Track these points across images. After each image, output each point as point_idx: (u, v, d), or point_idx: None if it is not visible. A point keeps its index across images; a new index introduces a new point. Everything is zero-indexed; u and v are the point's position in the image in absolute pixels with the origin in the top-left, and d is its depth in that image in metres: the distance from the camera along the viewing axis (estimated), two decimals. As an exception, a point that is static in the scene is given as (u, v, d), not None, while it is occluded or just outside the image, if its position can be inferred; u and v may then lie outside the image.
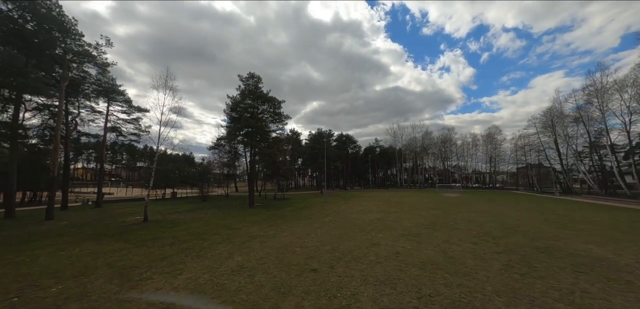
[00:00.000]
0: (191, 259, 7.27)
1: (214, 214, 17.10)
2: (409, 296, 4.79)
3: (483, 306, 4.41)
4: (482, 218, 14.49)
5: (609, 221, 13.79)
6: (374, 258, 7.24)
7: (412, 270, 6.20)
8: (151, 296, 4.91)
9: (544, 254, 7.48)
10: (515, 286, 5.26)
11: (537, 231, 10.95)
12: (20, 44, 9.96)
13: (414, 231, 10.83)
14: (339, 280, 5.62)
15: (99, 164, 23.33)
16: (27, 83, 9.90)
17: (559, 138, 42.13)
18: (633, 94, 30.01)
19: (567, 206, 22.57)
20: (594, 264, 6.56)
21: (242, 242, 9.30)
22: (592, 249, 8.01)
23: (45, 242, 9.40)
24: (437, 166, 75.32)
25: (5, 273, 6.25)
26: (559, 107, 41.27)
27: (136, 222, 13.40)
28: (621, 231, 10.97)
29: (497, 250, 7.94)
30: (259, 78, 20.91)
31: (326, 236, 10.07)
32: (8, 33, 9.81)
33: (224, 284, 5.50)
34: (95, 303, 4.69)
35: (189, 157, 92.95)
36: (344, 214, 16.79)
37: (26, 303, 4.73)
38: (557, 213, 17.14)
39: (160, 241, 9.44)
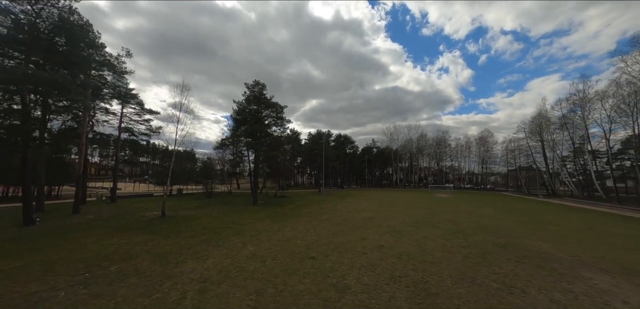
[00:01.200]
0: (212, 248, 8.81)
1: (222, 211, 18.62)
2: (383, 277, 6.38)
3: (436, 284, 6.01)
4: (462, 218, 16.15)
5: (572, 223, 15.51)
6: (361, 249, 8.82)
7: (390, 259, 7.79)
8: (190, 274, 6.45)
9: (500, 249, 9.10)
10: (466, 271, 6.85)
11: (505, 230, 12.60)
12: (61, 62, 11.29)
13: (399, 229, 12.43)
14: (332, 265, 7.19)
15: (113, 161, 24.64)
16: (75, 99, 11.27)
17: (546, 143, 44.00)
18: (613, 104, 31.78)
19: (545, 208, 24.33)
20: (534, 257, 8.19)
21: (252, 235, 10.85)
22: (541, 245, 9.65)
23: (85, 233, 10.89)
24: (432, 167, 77.30)
25: (67, 257, 7.76)
26: (546, 113, 43.05)
27: (155, 217, 14.89)
28: (576, 231, 12.67)
29: (464, 245, 9.55)
30: (263, 85, 22.34)
31: (323, 232, 11.64)
32: (48, 50, 11.13)
33: (243, 266, 7.06)
34: (150, 278, 6.22)
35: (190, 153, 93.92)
36: (340, 212, 18.38)
37: (96, 278, 6.25)
38: (531, 215, 18.86)
39: (182, 234, 10.96)
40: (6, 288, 5.58)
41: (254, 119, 21.35)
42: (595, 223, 15.63)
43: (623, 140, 34.63)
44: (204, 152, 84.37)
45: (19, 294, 5.30)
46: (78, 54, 12.03)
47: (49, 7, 10.77)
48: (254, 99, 22.25)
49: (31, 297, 5.20)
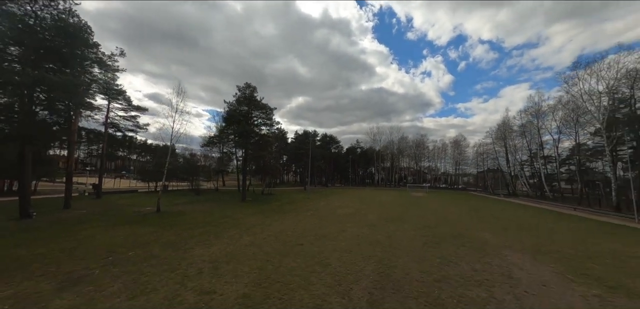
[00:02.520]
0: (214, 238, 10.12)
1: (213, 207, 19.58)
2: (357, 257, 8.20)
3: (396, 260, 7.93)
4: (430, 214, 18.64)
5: (516, 218, 18.61)
6: (341, 238, 10.62)
7: (364, 245, 9.65)
8: (201, 257, 7.81)
9: (453, 238, 11.36)
10: (421, 253, 8.89)
11: (461, 224, 15.11)
12: (59, 61, 11.66)
13: (375, 223, 14.45)
14: (317, 250, 8.88)
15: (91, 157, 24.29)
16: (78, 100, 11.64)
17: (508, 148, 49.18)
18: (561, 117, 36.69)
19: (500, 206, 27.98)
20: (475, 243, 10.50)
21: (247, 228, 12.23)
22: (484, 235, 12.10)
23: (86, 225, 11.59)
24: (412, 167, 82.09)
25: (82, 246, 8.69)
26: (509, 122, 48.13)
27: (150, 213, 15.62)
28: (515, 225, 15.53)
29: (425, 235, 11.72)
30: (254, 88, 23.40)
31: (309, 225, 13.31)
32: (47, 50, 11.48)
33: (244, 251, 8.52)
34: (167, 260, 7.50)
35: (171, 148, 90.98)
36: (324, 209, 20.15)
37: (120, 260, 7.40)
38: (487, 212, 21.97)
39: (181, 226, 12.05)
40: (43, 269, 6.60)
41: (244, 120, 22.38)
42: (534, 218, 18.88)
43: (570, 148, 40.00)
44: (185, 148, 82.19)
45: (59, 273, 6.38)
46: (76, 54, 12.49)
47: (50, 9, 11.18)
48: (245, 100, 23.25)
49: (71, 275, 6.32)
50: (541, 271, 7.51)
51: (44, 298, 5.13)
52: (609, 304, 5.54)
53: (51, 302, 4.99)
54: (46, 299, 5.08)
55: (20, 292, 5.34)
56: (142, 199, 22.97)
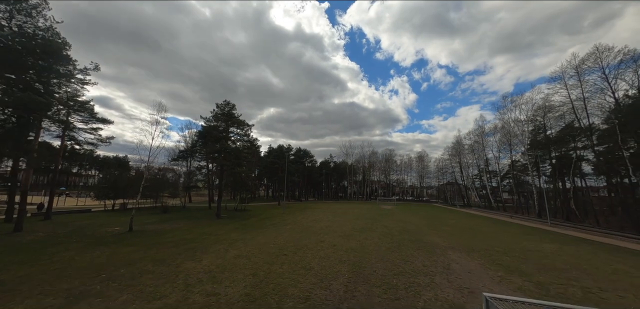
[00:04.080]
0: (201, 253, 10.93)
1: (188, 224, 19.54)
2: (334, 261, 9.96)
3: (365, 262, 9.89)
4: (394, 225, 21.38)
5: (463, 225, 22.39)
6: (319, 248, 12.29)
7: (340, 252, 11.47)
8: (194, 270, 8.76)
9: (412, 243, 13.85)
10: (385, 255, 11.02)
11: (419, 232, 17.95)
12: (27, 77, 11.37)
13: (348, 233, 16.43)
14: (299, 258, 10.42)
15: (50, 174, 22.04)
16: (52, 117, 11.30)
17: (462, 164, 56.75)
18: (499, 139, 44.34)
19: (455, 216, 32.54)
20: (428, 246, 13.09)
21: (230, 243, 13.13)
22: (435, 240, 14.90)
23: (59, 248, 11.27)
24: (381, 180, 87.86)
25: (67, 267, 8.86)
26: (461, 140, 55.90)
27: (122, 232, 15.26)
28: (460, 230, 18.97)
29: (389, 242, 14.02)
30: (233, 105, 24.25)
31: (289, 238, 14.69)
32: (15, 65, 11.19)
33: (234, 263, 9.65)
34: (163, 274, 8.30)
35: (122, 160, 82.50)
36: (301, 223, 21.58)
37: (115, 277, 7.98)
38: (441, 221, 25.72)
39: (163, 245, 12.42)
40: (38, 289, 6.97)
41: (223, 137, 22.98)
42: (476, 225, 22.94)
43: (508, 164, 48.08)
44: (140, 160, 76.55)
45: (58, 291, 6.87)
46: (52, 71, 12.40)
47: (30, 26, 11.13)
48: (223, 116, 23.92)
49: (71, 291, 6.87)
50: (470, 263, 10.17)
51: (81, 302, 5.80)
52: (505, 280, 8.22)
53: (83, 302, 5.72)
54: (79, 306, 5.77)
55: (34, 306, 5.90)
56: (101, 219, 21.57)
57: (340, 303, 6.40)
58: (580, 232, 20.02)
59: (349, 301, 6.51)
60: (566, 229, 21.78)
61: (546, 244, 14.56)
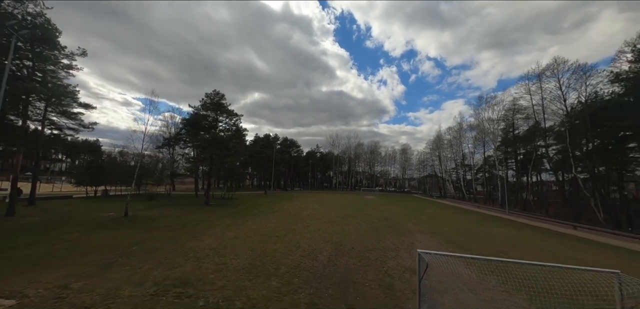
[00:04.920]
0: (201, 235, 12.51)
1: (178, 211, 20.70)
2: (320, 242, 12.03)
3: (346, 242, 12.06)
4: (375, 212, 23.97)
5: (436, 213, 25.54)
6: (306, 231, 14.31)
7: (324, 234, 13.57)
8: (199, 247, 10.41)
9: (387, 227, 16.28)
10: (363, 238, 13.28)
11: (396, 219, 20.59)
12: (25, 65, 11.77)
13: (332, 220, 18.63)
14: (290, 239, 12.37)
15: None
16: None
17: (441, 158, 61.21)
18: (475, 135, 48.58)
19: (431, 205, 36.11)
20: (400, 229, 15.57)
21: (225, 227, 14.76)
22: (409, 225, 17.51)
23: (61, 231, 12.28)
24: (366, 171, 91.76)
25: (79, 246, 10.11)
26: (441, 135, 60.09)
27: (118, 217, 16.27)
28: (432, 217, 21.92)
29: (368, 226, 16.38)
30: (222, 95, 25.03)
31: (279, 223, 16.58)
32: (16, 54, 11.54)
33: (232, 242, 11.39)
34: (172, 250, 9.87)
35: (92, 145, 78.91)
36: (288, 211, 23.50)
37: (130, 253, 9.43)
38: (418, 210, 28.85)
39: (161, 228, 13.78)
40: (68, 259, 8.32)
41: (212, 126, 23.91)
42: (446, 213, 26.23)
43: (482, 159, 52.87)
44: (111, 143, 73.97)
45: (87, 262, 8.27)
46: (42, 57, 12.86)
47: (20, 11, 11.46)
48: (212, 106, 24.73)
49: (98, 262, 8.30)
50: (431, 242, 12.71)
51: (97, 273, 7.31)
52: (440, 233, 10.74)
53: (106, 274, 7.25)
54: (100, 274, 7.28)
55: (74, 272, 7.34)
56: (87, 205, 22.07)
57: (324, 269, 8.44)
58: (529, 220, 23.83)
59: (331, 268, 8.58)
60: (520, 217, 25.66)
61: (496, 229, 17.71)
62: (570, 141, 25.77)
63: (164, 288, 6.52)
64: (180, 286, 6.70)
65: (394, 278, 7.90)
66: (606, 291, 5.02)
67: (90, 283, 6.71)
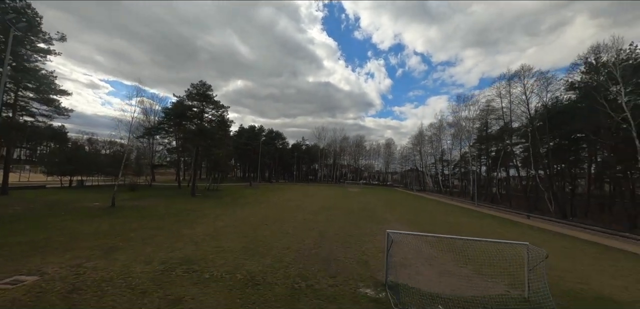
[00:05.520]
0: (193, 224, 13.42)
1: (165, 202, 21.13)
2: (306, 229, 13.45)
3: (328, 229, 13.58)
4: (356, 205, 25.84)
5: (413, 205, 27.96)
6: (293, 220, 15.67)
7: (310, 223, 15.01)
8: (193, 234, 11.40)
9: (367, 217, 18.05)
10: (344, 226, 14.88)
11: (375, 210, 22.53)
12: None
13: (317, 211, 20.12)
14: (278, 227, 13.66)
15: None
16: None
17: (422, 153, 64.89)
18: (453, 132, 52.17)
19: (410, 198, 38.86)
20: (379, 219, 17.41)
21: (215, 216, 15.70)
22: (386, 215, 19.45)
23: (52, 220, 12.60)
24: (351, 164, 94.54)
25: (75, 234, 10.71)
26: (423, 131, 63.57)
27: (105, 207, 16.54)
28: (408, 209, 24.15)
29: (350, 216, 18.05)
30: (209, 86, 25.19)
31: (267, 213, 17.77)
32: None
33: (224, 230, 12.47)
34: (167, 237, 10.78)
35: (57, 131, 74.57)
36: (275, 202, 24.69)
37: (130, 239, 10.24)
38: (397, 202, 31.24)
39: (153, 217, 14.45)
40: (71, 244, 9.01)
41: (198, 117, 24.17)
42: (423, 205, 28.78)
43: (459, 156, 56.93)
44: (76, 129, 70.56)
45: (90, 246, 9.02)
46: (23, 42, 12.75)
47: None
48: (198, 96, 24.88)
49: (102, 246, 9.08)
50: (404, 229, 14.59)
51: (104, 256, 8.17)
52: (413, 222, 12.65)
53: (112, 255, 8.14)
54: (107, 256, 8.15)
55: (81, 254, 8.14)
56: (67, 195, 21.75)
57: (310, 250, 9.87)
58: (494, 211, 26.95)
59: (316, 249, 10.03)
60: (486, 209, 28.82)
61: (463, 218, 20.20)
62: (532, 141, 29.09)
63: (170, 266, 7.59)
64: (185, 264, 7.79)
65: (369, 256, 9.51)
66: (522, 257, 6.89)
67: (101, 263, 7.60)
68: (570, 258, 11.00)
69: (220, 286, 6.41)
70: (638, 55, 19.84)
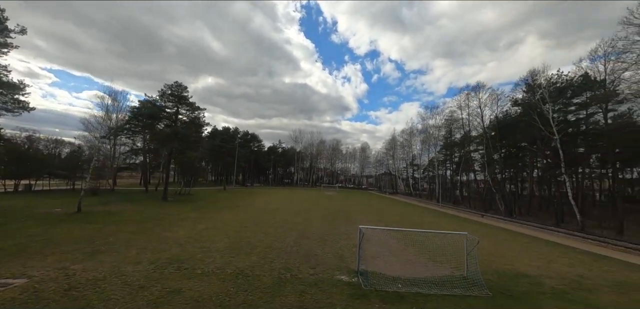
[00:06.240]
0: (172, 227, 13.69)
1: (136, 207, 20.49)
2: (286, 229, 14.51)
3: (308, 229, 14.81)
4: (333, 206, 27.42)
5: (383, 207, 30.35)
6: (273, 222, 16.60)
7: (289, 224, 16.08)
8: (175, 236, 11.83)
9: (342, 218, 19.59)
10: (321, 225, 16.21)
11: (349, 211, 24.27)
12: None
13: (295, 212, 21.20)
14: (259, 228, 14.52)
15: None
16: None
17: (395, 157, 69.25)
18: (422, 138, 56.84)
19: (382, 200, 41.65)
20: (352, 219, 19.05)
21: (194, 220, 15.98)
22: (359, 216, 21.22)
23: (16, 226, 11.97)
24: (328, 168, 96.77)
25: (50, 238, 10.52)
26: (396, 137, 67.97)
27: (71, 213, 15.75)
28: (379, 210, 26.36)
29: (326, 217, 19.45)
30: (185, 87, 24.81)
31: (246, 216, 18.40)
32: None
33: (206, 233, 13.02)
34: (150, 240, 11.12)
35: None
36: (252, 205, 25.19)
37: (110, 243, 10.41)
38: (370, 204, 33.51)
39: (127, 222, 14.32)
40: (50, 249, 9.02)
41: (172, 119, 23.75)
42: (393, 207, 31.38)
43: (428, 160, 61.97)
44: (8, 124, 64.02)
45: (72, 250, 9.11)
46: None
47: None
48: (172, 97, 24.44)
49: (84, 250, 9.23)
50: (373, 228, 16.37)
51: (88, 259, 8.45)
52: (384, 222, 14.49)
53: (97, 258, 8.46)
54: (92, 258, 8.45)
55: (63, 258, 8.32)
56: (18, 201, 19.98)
57: (292, 248, 10.99)
58: (454, 211, 30.45)
59: (297, 247, 11.19)
60: (448, 209, 32.38)
61: (427, 218, 22.82)
62: (486, 149, 33.44)
63: (161, 265, 8.20)
64: (174, 262, 8.44)
65: (345, 251, 10.94)
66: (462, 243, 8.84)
67: (88, 265, 7.94)
68: (505, 247, 13.60)
69: (213, 279, 7.29)
70: (563, 80, 24.53)
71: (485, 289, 7.33)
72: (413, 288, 7.30)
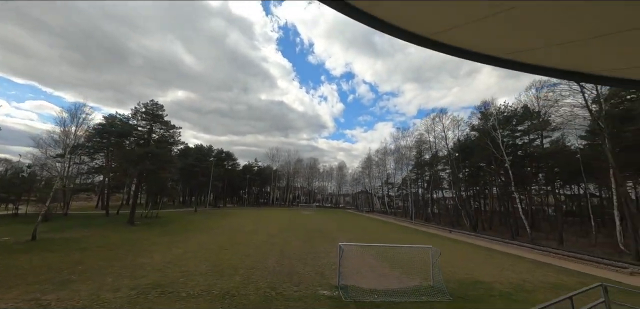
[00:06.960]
0: (146, 253, 13.33)
1: (101, 232, 19.12)
2: (265, 250, 14.89)
3: (286, 248, 15.33)
4: (311, 225, 28.01)
5: (360, 224, 31.71)
6: (252, 243, 16.80)
7: (268, 245, 16.43)
8: (151, 262, 11.67)
9: (320, 237, 20.33)
10: (302, 245, 16.81)
11: (326, 229, 25.09)
12: None
13: (273, 233, 21.46)
14: (238, 250, 14.70)
15: None
16: None
17: (371, 176, 72.22)
18: (396, 158, 60.52)
19: (358, 219, 43.11)
20: (330, 238, 19.88)
21: (167, 245, 15.58)
22: (337, 234, 22.11)
23: None
24: (305, 187, 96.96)
25: (12, 270, 9.80)
26: (371, 156, 71.33)
27: (25, 241, 14.37)
28: (356, 228, 27.59)
29: (305, 236, 20.04)
30: (162, 106, 24.38)
31: (222, 239, 18.29)
32: None
33: (184, 256, 12.94)
34: (124, 267, 10.88)
35: None
36: (228, 227, 24.81)
37: (81, 271, 10.02)
38: (347, 222, 34.66)
39: (95, 249, 13.59)
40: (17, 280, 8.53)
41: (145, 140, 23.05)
42: (369, 225, 32.86)
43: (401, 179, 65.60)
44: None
45: (39, 281, 8.71)
46: None
47: None
48: (147, 115, 23.82)
49: (53, 280, 8.86)
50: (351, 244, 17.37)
51: (60, 289, 8.22)
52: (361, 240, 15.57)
53: (71, 287, 8.26)
54: (64, 288, 8.23)
55: (31, 289, 8.00)
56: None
57: (274, 268, 11.50)
58: (425, 228, 32.75)
59: (279, 267, 11.72)
60: (420, 226, 34.69)
61: (400, 234, 24.46)
62: (452, 169, 37.00)
63: (142, 291, 8.29)
64: (156, 288, 8.56)
65: (325, 268, 11.73)
66: (428, 256, 10.19)
67: (62, 294, 7.78)
68: (467, 259, 15.40)
69: (201, 301, 7.65)
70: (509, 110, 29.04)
71: (447, 295, 8.63)
72: (387, 298, 8.34)
